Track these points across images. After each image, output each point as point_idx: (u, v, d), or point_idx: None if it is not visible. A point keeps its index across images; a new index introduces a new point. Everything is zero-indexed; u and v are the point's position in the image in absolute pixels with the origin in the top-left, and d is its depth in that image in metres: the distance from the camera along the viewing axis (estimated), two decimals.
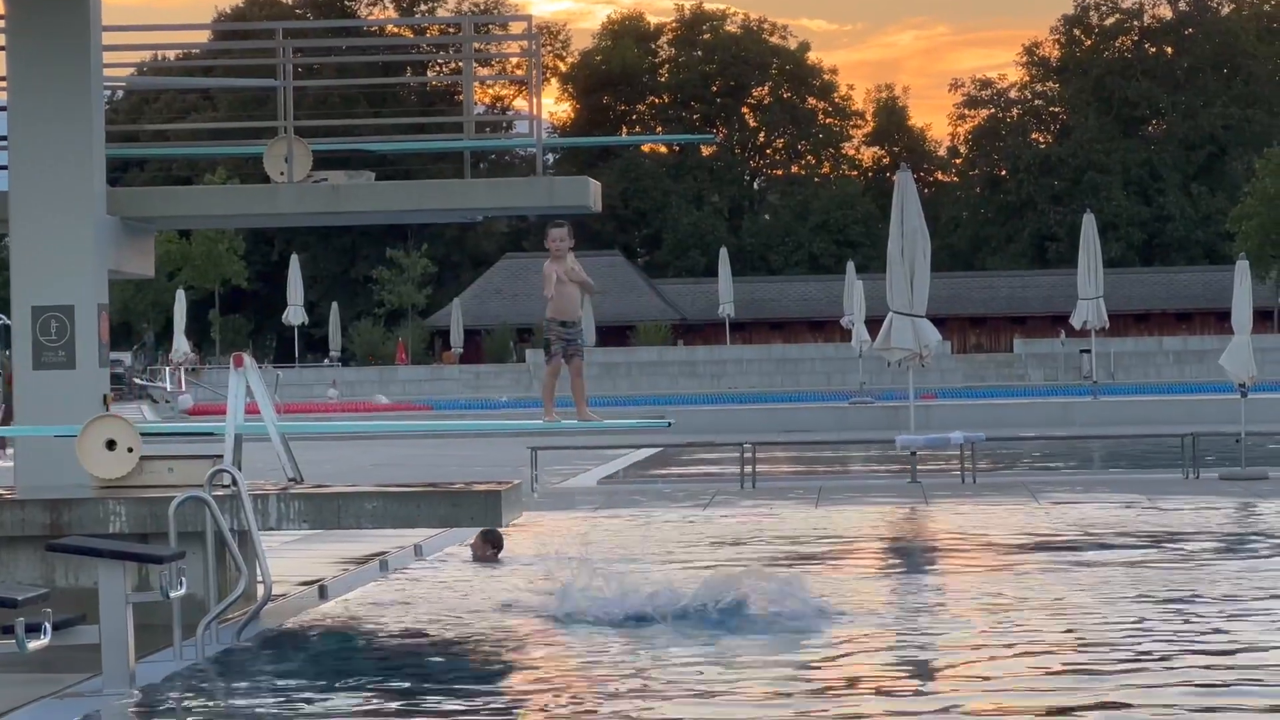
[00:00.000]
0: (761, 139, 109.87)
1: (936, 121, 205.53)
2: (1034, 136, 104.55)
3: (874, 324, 36.13)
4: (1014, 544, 19.61)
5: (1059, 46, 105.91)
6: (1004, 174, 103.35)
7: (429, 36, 74.53)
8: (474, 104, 20.78)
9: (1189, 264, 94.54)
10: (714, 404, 52.74)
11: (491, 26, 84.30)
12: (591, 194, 17.56)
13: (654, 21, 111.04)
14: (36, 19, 16.39)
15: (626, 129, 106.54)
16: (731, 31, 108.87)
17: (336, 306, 78.14)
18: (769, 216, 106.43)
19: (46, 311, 16.31)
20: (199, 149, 48.83)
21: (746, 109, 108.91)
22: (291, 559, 18.21)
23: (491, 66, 32.60)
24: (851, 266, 61.03)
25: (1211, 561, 17.74)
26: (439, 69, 74.48)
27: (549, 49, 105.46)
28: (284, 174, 17.55)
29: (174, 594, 12.08)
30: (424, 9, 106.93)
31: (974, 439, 28.58)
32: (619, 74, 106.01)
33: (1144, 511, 22.70)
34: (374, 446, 39.42)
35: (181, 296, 66.80)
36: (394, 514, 14.60)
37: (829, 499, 25.25)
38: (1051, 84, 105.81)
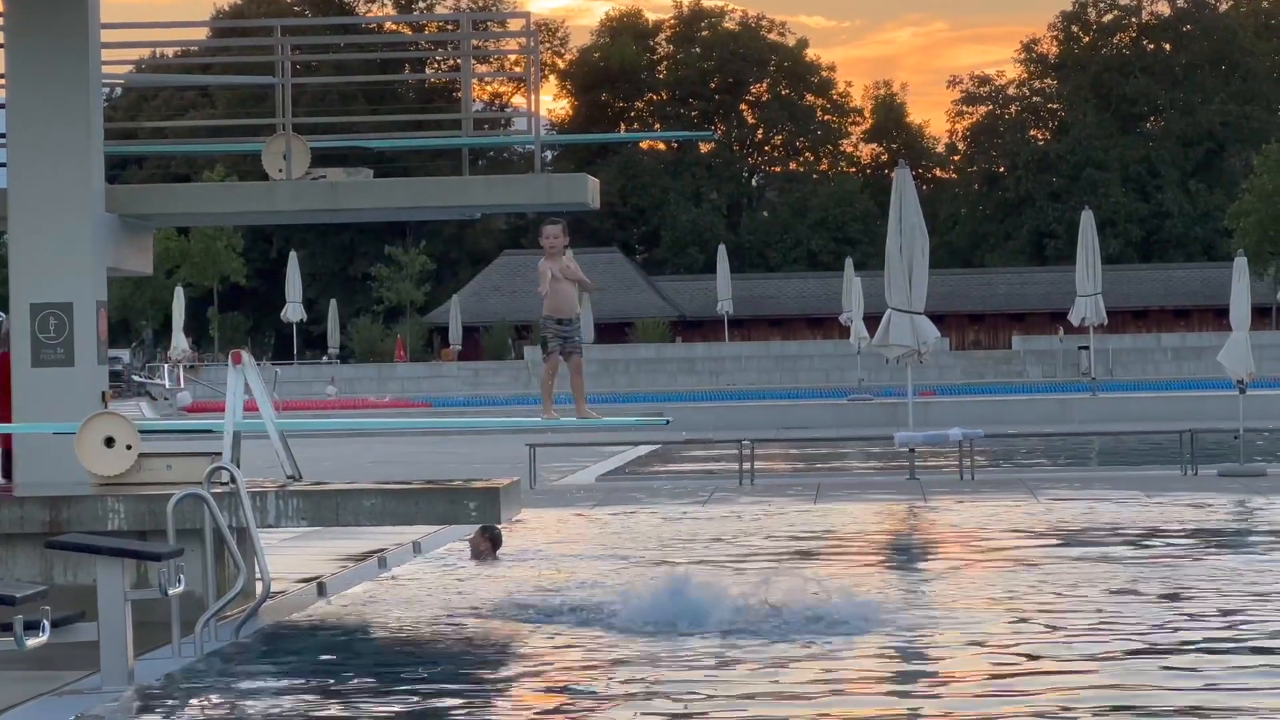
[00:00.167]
0: (760, 136, 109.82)
1: (935, 118, 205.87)
2: (1032, 133, 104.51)
3: (872, 321, 36.13)
4: (1012, 540, 19.61)
5: (1057, 43, 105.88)
6: (1002, 171, 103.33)
7: (427, 34, 74.49)
8: (472, 101, 20.78)
9: (1187, 261, 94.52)
10: (713, 401, 52.71)
11: (490, 24, 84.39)
12: (590, 191, 17.56)
13: (652, 18, 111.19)
14: (35, 16, 16.39)
15: (625, 126, 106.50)
16: (730, 28, 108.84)
17: (335, 304, 78.08)
18: (767, 213, 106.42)
19: (45, 309, 16.30)
20: (197, 146, 48.78)
21: (745, 106, 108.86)
22: (290, 556, 18.21)
23: (490, 63, 32.69)
24: (850, 263, 61.04)
25: (1210, 557, 17.75)
26: (437, 66, 74.37)
27: (547, 46, 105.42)
28: (282, 171, 17.56)
29: (172, 591, 12.09)
30: (422, 6, 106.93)
31: (972, 436, 28.58)
32: (617, 71, 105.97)
33: (1142, 508, 22.71)
34: (372, 444, 39.45)
35: (180, 294, 66.79)
36: (393, 511, 14.61)
37: (827, 496, 25.24)
38: (1050, 81, 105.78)
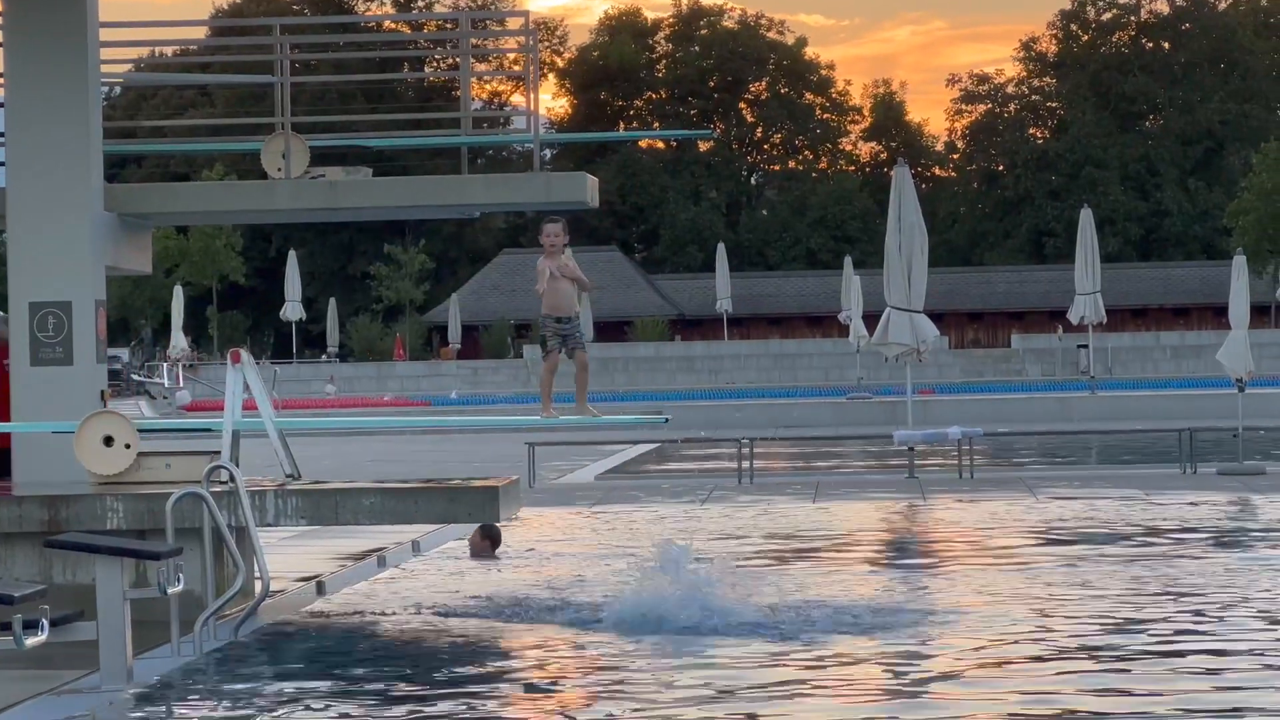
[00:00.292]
0: (759, 134, 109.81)
1: (934, 117, 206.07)
2: (1031, 132, 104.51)
3: (872, 319, 36.14)
4: (1011, 539, 19.61)
5: (1056, 41, 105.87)
6: (1001, 169, 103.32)
7: (426, 32, 74.51)
8: (471, 100, 20.78)
9: (1186, 259, 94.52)
10: (711, 399, 52.71)
11: (489, 22, 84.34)
12: (589, 189, 17.56)
13: (651, 17, 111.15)
14: (34, 15, 16.38)
15: (624, 124, 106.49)
16: (728, 27, 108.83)
17: (334, 302, 78.08)
18: (766, 212, 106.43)
19: (44, 308, 16.29)
20: (196, 145, 48.77)
21: (744, 104, 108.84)
22: (289, 555, 18.21)
23: (489, 62, 32.70)
24: (849, 262, 61.06)
25: (1209, 556, 17.75)
26: (436, 65, 74.42)
27: (546, 45, 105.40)
28: (281, 170, 17.55)
29: (171, 590, 12.08)
30: (421, 5, 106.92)
31: (972, 434, 28.58)
32: (616, 70, 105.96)
33: (1141, 506, 22.71)
34: (372, 442, 39.44)
35: (179, 292, 66.82)
36: (392, 510, 14.60)
37: (826, 494, 25.25)
38: (1049, 79, 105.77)
